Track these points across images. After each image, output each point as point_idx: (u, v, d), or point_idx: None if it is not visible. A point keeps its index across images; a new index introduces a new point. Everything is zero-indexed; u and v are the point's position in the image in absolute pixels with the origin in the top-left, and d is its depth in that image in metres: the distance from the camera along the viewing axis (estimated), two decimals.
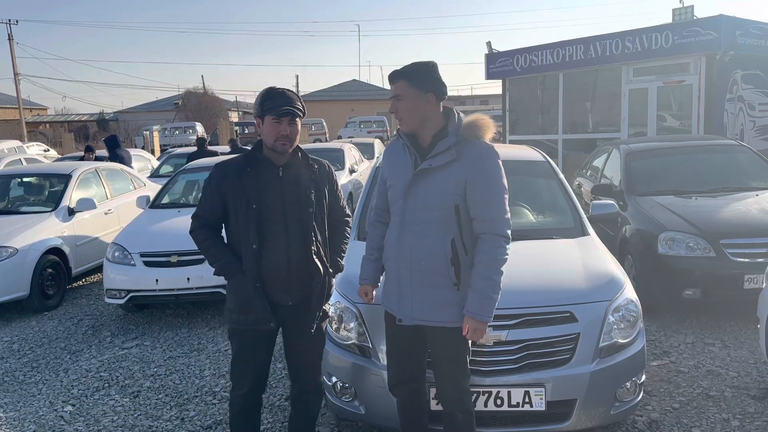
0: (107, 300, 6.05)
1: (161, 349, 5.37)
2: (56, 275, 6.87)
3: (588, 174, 8.31)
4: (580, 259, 3.58)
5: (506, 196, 2.65)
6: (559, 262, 3.56)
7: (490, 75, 13.79)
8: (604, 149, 8.13)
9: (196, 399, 4.33)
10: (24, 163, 13.35)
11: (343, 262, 3.15)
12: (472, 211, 2.63)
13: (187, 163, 9.19)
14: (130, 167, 10.06)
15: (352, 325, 3.30)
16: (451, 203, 2.62)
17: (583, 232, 4.00)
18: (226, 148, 12.79)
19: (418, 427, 3.04)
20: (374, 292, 3.03)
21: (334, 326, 3.37)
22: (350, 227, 3.29)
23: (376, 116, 42.95)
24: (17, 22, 46.22)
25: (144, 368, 4.95)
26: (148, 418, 4.08)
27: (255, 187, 2.88)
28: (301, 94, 59.04)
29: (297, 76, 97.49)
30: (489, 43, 13.73)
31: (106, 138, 11.54)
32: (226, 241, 3.01)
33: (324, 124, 41.11)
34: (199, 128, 40.08)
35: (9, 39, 39.55)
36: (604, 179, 7.40)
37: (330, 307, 3.41)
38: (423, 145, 2.73)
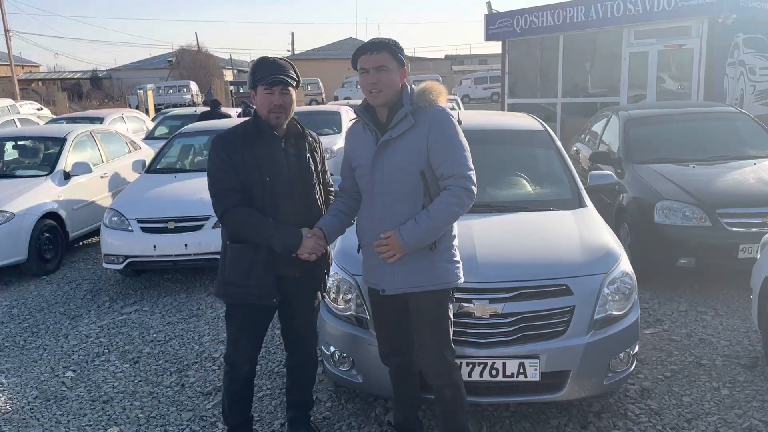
0: (105, 265, 6.07)
1: (160, 315, 5.42)
2: (53, 239, 6.88)
3: (586, 140, 8.27)
4: (576, 232, 3.59)
5: (467, 153, 2.70)
6: (555, 234, 3.57)
7: (489, 36, 13.59)
8: (603, 115, 8.08)
9: (196, 365, 4.39)
10: (18, 124, 13.21)
11: None
12: (437, 172, 2.69)
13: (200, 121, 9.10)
14: None
15: (350, 296, 3.33)
16: (417, 170, 2.68)
17: (581, 204, 4.01)
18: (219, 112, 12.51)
19: (409, 396, 3.12)
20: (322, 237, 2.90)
21: (332, 297, 3.40)
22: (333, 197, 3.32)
23: None
24: None
25: (143, 334, 5.00)
26: (149, 384, 4.14)
27: (265, 158, 2.85)
28: (296, 52, 58.19)
29: (292, 34, 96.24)
30: (489, 3, 13.50)
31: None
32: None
33: (320, 84, 40.63)
34: (194, 87, 39.60)
35: None
36: (603, 146, 7.37)
37: (328, 278, 3.45)
38: (381, 121, 2.78)
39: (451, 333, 2.83)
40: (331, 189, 3.28)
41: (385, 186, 2.74)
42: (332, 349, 3.40)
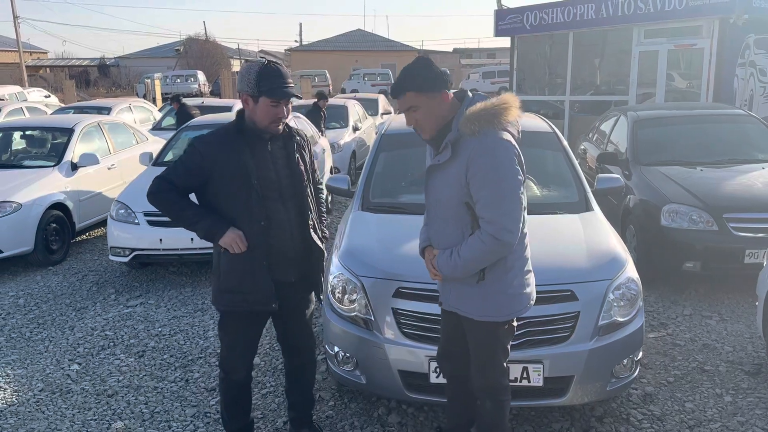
0: (111, 257, 6.10)
1: (165, 309, 5.44)
2: (60, 230, 6.91)
3: (594, 139, 8.24)
4: (582, 236, 3.59)
5: (506, 192, 2.44)
6: (561, 238, 3.57)
7: (498, 32, 13.52)
8: (611, 114, 8.04)
9: (200, 360, 4.41)
10: (25, 112, 13.24)
11: (326, 231, 3.22)
12: (475, 209, 2.52)
13: None
14: None
15: (355, 297, 3.33)
16: (460, 201, 2.54)
17: (587, 207, 4.00)
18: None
19: (461, 405, 3.01)
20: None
21: (337, 297, 3.41)
22: (323, 195, 3.35)
23: (380, 68, 42.34)
24: None
25: (148, 327, 5.03)
26: (153, 378, 4.17)
27: (251, 161, 2.78)
28: (304, 43, 58.06)
29: (300, 24, 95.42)
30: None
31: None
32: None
33: (327, 75, 40.57)
34: (201, 76, 39.60)
35: None
36: (611, 146, 7.35)
37: (332, 278, 3.46)
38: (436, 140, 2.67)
39: (505, 360, 2.73)
40: (321, 187, 3.25)
41: (432, 209, 2.72)
42: (336, 349, 3.41)
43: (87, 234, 7.92)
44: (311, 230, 3.00)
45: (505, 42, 14.22)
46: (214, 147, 2.80)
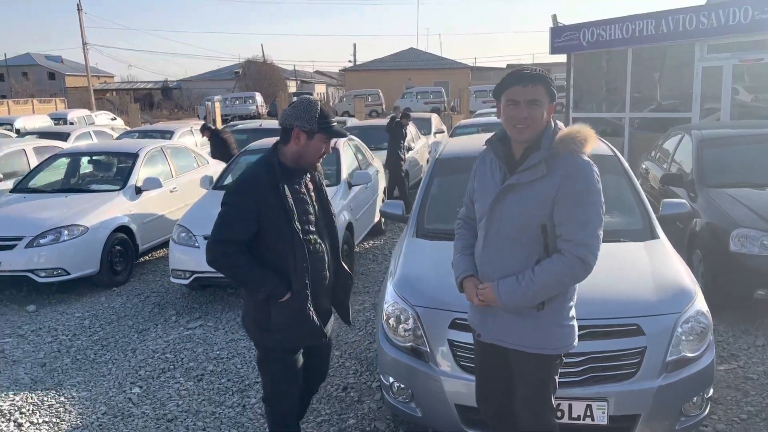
0: (172, 280, 6.26)
1: (223, 331, 5.53)
2: (124, 252, 7.14)
3: (657, 158, 7.98)
4: (648, 266, 3.45)
5: (597, 217, 2.39)
6: (626, 269, 3.43)
7: (554, 49, 13.31)
8: (675, 133, 7.77)
9: (257, 385, 4.44)
10: (93, 136, 13.82)
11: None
12: (557, 229, 2.42)
13: None
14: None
15: (409, 327, 3.29)
16: (538, 222, 2.43)
17: (653, 235, 3.85)
18: None
19: None
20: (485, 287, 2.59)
21: (391, 326, 3.37)
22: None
23: (433, 86, 42.46)
24: None
25: (207, 350, 5.11)
26: (212, 403, 4.22)
27: (292, 200, 2.80)
28: (357, 63, 58.82)
29: (354, 45, 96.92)
30: (554, 16, 13.24)
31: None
32: (256, 259, 2.84)
33: (380, 94, 40.93)
34: (258, 98, 40.61)
35: (78, 9, 40.77)
36: (674, 166, 7.09)
37: (386, 306, 3.45)
38: (514, 157, 2.54)
39: (553, 396, 2.63)
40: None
41: (501, 231, 2.51)
42: (391, 379, 3.37)
43: (149, 255, 8.16)
44: (341, 258, 3.14)
45: (559, 57, 14.01)
46: (259, 188, 2.78)
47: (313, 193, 2.98)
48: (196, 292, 6.61)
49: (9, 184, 8.19)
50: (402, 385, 3.32)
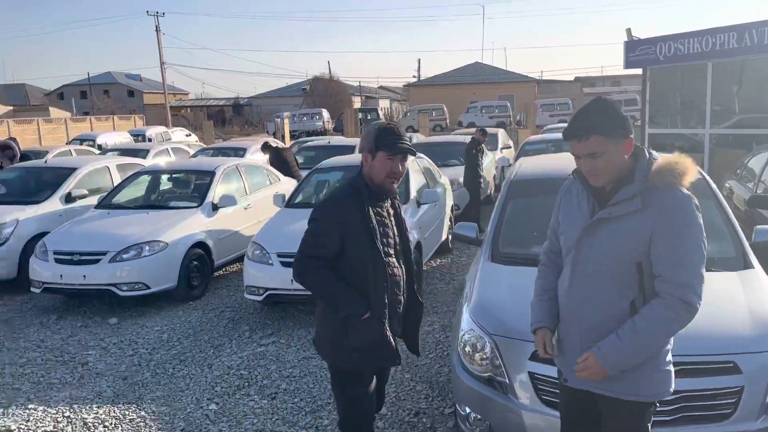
0: (246, 296, 6.39)
1: (295, 348, 5.58)
2: (200, 267, 7.35)
3: (742, 176, 7.59)
4: (743, 298, 3.26)
5: (698, 255, 2.23)
6: (720, 301, 3.24)
7: (629, 63, 12.92)
8: (762, 150, 7.38)
9: (329, 406, 4.45)
10: (171, 153, 14.37)
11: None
12: (655, 269, 2.25)
13: None
14: None
15: (487, 355, 3.21)
16: (632, 259, 2.26)
17: (746, 265, 3.63)
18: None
19: None
20: (553, 340, 2.52)
21: (467, 355, 3.31)
22: None
23: (498, 101, 42.09)
24: (164, 14, 49.95)
25: (280, 368, 5.17)
26: (285, 423, 4.25)
27: (373, 221, 2.87)
28: (422, 78, 59.04)
29: (419, 60, 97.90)
30: (629, 30, 12.87)
31: None
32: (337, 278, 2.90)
33: (445, 109, 40.89)
34: (325, 114, 41.39)
35: (156, 30, 42.78)
36: (761, 186, 6.73)
37: (462, 334, 3.39)
38: (604, 189, 2.36)
39: None
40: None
41: (590, 267, 2.35)
42: (467, 410, 3.30)
43: (223, 269, 8.37)
44: (415, 285, 3.13)
45: (631, 69, 13.61)
46: (345, 206, 2.87)
47: (393, 218, 3.03)
48: (268, 309, 6.72)
49: (93, 200, 8.59)
50: (479, 416, 3.25)
